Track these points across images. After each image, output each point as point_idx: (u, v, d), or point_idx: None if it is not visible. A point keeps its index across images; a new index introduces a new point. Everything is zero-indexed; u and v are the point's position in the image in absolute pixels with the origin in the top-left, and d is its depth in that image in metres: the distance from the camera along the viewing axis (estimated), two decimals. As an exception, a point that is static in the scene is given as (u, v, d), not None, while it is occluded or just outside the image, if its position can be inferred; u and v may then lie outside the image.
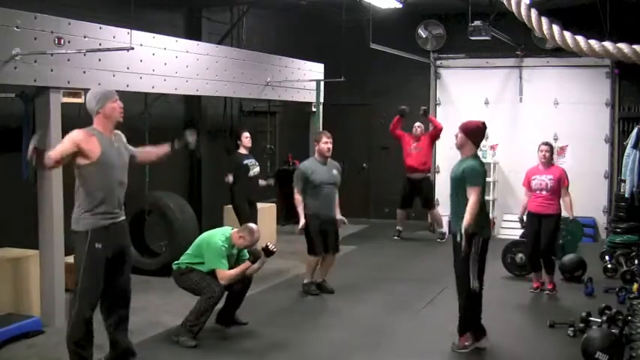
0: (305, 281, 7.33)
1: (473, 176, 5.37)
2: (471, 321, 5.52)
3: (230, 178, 8.37)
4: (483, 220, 5.50)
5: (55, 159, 4.29)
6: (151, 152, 5.09)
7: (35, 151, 4.16)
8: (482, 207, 5.52)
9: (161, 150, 5.08)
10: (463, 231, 5.24)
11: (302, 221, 7.02)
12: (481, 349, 5.52)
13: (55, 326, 5.82)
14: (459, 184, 5.43)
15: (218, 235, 5.81)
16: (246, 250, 6.01)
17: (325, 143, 7.20)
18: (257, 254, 5.81)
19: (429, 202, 10.67)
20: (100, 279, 4.46)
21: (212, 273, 5.71)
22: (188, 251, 5.93)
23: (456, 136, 5.59)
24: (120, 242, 4.57)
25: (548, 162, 7.34)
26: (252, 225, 6.01)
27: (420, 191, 10.55)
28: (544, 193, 7.23)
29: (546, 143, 7.46)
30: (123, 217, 4.61)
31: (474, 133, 5.52)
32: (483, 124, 5.59)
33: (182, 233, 7.60)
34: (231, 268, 5.79)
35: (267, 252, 5.85)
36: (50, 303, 5.96)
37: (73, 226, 4.46)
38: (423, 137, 10.53)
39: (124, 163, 4.61)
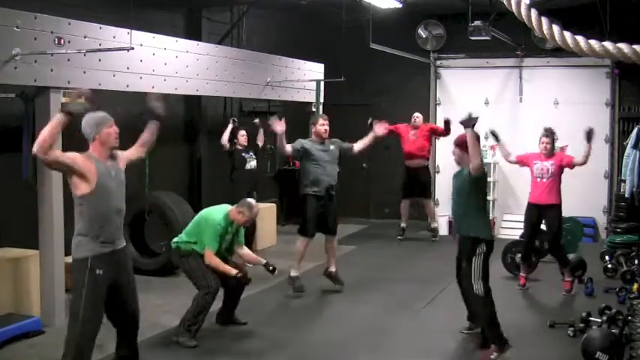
0: (292, 274, 7.28)
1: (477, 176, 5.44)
2: (495, 329, 5.45)
3: (226, 142, 8.62)
4: (487, 223, 5.66)
5: (51, 135, 4.13)
6: (147, 137, 4.89)
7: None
8: (484, 210, 5.67)
9: (151, 128, 4.93)
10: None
11: (280, 126, 6.89)
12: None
13: (55, 326, 5.82)
14: (464, 189, 5.49)
15: (216, 213, 5.83)
16: (242, 232, 6.02)
17: (322, 125, 7.26)
18: (246, 279, 5.84)
19: (426, 191, 10.57)
20: (102, 306, 4.33)
21: (203, 266, 5.73)
22: (187, 228, 5.93)
23: (453, 152, 5.65)
24: (121, 270, 4.44)
25: (549, 153, 7.37)
26: (250, 200, 6.04)
27: (417, 179, 10.45)
28: (544, 180, 7.25)
29: (547, 135, 7.44)
30: (124, 244, 4.51)
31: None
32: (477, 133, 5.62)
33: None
34: (228, 247, 5.85)
35: (267, 268, 5.95)
36: (50, 303, 5.96)
37: (72, 253, 4.34)
38: (423, 126, 10.50)
39: (122, 190, 4.48)
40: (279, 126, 6.87)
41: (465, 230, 5.57)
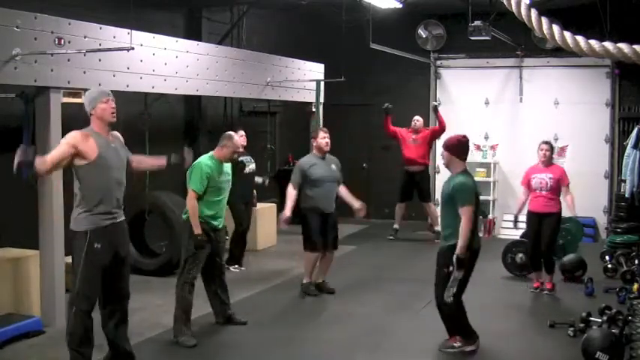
0: (304, 281, 7.28)
1: (463, 193, 5.28)
2: (458, 327, 5.50)
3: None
4: (474, 234, 5.37)
5: (52, 162, 4.29)
6: (146, 161, 5.07)
7: (21, 164, 4.15)
8: (475, 222, 5.36)
9: (157, 162, 5.07)
10: (455, 259, 5.18)
11: (287, 213, 6.90)
12: (469, 352, 5.49)
13: (55, 326, 5.82)
14: (449, 201, 5.38)
15: (202, 158, 5.91)
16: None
17: (323, 138, 7.21)
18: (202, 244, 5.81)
19: (425, 195, 10.54)
20: (98, 279, 4.44)
21: (199, 252, 5.73)
22: None
23: (442, 155, 5.64)
24: (119, 244, 4.54)
25: (549, 161, 7.34)
26: (228, 132, 6.11)
27: (417, 183, 10.44)
28: (544, 192, 7.22)
29: (546, 142, 7.45)
30: (122, 218, 4.59)
31: (456, 148, 5.49)
32: (464, 137, 5.55)
33: (182, 233, 7.59)
34: (217, 185, 5.84)
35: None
36: (50, 303, 5.96)
37: (72, 226, 4.45)
38: (423, 130, 10.46)
39: (122, 163, 4.59)
40: (285, 222, 6.92)
41: (451, 239, 5.32)
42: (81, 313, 4.43)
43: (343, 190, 7.34)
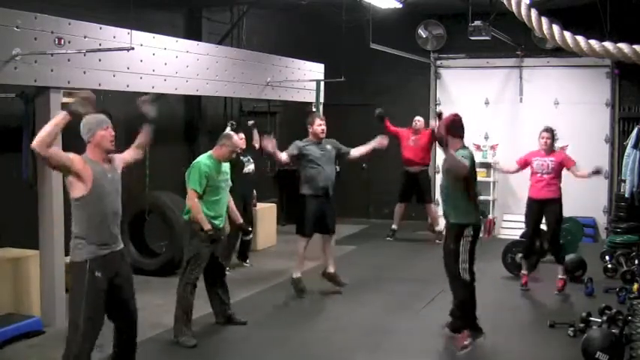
0: (294, 275, 7.24)
1: (464, 158, 5.50)
2: (469, 315, 5.53)
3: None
4: (474, 208, 5.63)
5: (54, 154, 4.21)
6: (142, 140, 4.91)
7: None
8: (474, 196, 5.64)
9: (146, 132, 4.94)
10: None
11: (270, 144, 6.91)
12: (477, 347, 5.53)
13: (55, 326, 5.82)
14: (451, 172, 5.51)
15: (200, 157, 5.94)
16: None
17: (319, 125, 7.22)
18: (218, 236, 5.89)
19: (425, 196, 10.49)
20: (102, 307, 4.37)
21: (201, 253, 5.75)
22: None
23: None
24: (119, 267, 4.47)
25: (549, 149, 7.34)
26: (226, 132, 6.10)
27: (417, 185, 10.41)
28: (545, 176, 7.22)
29: (547, 129, 7.41)
30: (121, 246, 4.53)
31: (450, 127, 5.63)
32: (457, 115, 5.76)
33: (182, 233, 7.59)
34: (215, 185, 5.85)
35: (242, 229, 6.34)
36: (50, 303, 5.96)
37: (71, 257, 4.38)
38: (424, 131, 10.43)
39: (118, 192, 4.51)
40: (270, 144, 6.90)
41: (452, 217, 5.61)
42: (86, 342, 4.30)
43: (355, 150, 7.44)
